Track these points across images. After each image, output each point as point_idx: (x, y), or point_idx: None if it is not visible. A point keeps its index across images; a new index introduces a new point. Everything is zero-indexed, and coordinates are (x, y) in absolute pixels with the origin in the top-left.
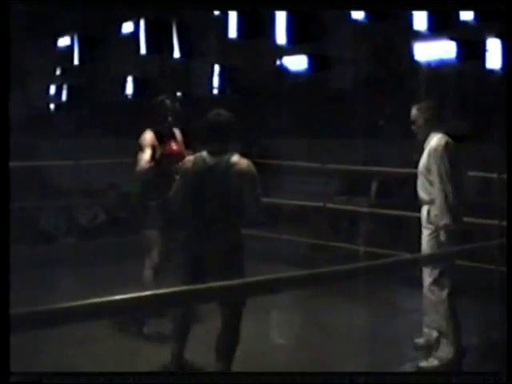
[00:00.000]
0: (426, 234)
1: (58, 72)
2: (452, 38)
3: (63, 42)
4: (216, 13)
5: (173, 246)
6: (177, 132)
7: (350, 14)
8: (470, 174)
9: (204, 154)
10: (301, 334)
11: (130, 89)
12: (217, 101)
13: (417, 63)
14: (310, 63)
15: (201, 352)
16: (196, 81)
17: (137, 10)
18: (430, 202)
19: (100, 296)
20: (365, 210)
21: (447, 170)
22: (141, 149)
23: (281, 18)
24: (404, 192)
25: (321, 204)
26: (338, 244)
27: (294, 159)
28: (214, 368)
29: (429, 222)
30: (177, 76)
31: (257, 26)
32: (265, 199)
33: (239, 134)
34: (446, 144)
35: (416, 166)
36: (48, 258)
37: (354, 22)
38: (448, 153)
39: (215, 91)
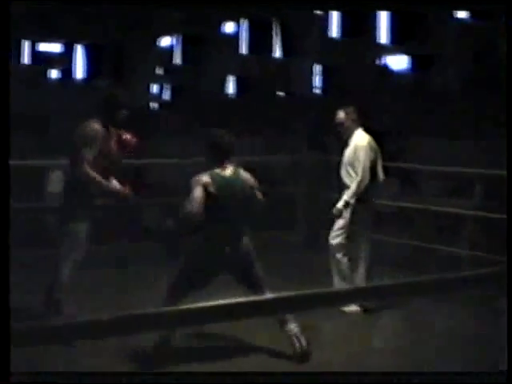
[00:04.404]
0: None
1: (160, 71)
2: None
3: (166, 41)
4: (318, 12)
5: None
6: None
7: (452, 14)
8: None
9: (217, 170)
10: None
11: (231, 88)
12: (317, 100)
13: None
14: (412, 63)
15: None
16: (297, 80)
17: (239, 11)
18: (349, 187)
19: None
20: (469, 212)
21: (366, 163)
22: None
23: (383, 17)
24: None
25: (423, 206)
26: (441, 247)
27: (396, 160)
28: None
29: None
30: (278, 75)
31: (359, 25)
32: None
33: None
34: (368, 142)
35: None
36: (153, 255)
37: (455, 22)
38: (368, 149)
39: (316, 90)
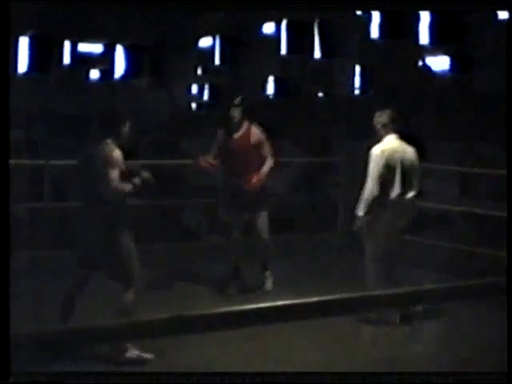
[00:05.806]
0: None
1: (199, 72)
2: None
3: (205, 42)
4: (358, 13)
5: None
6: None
7: (495, 15)
8: None
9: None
10: None
11: (270, 89)
12: (358, 102)
13: None
14: (453, 64)
15: None
16: (337, 82)
17: (279, 10)
18: None
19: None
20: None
21: (375, 173)
22: None
23: (424, 18)
24: None
25: (467, 208)
26: (484, 250)
27: (433, 161)
28: None
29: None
30: (318, 77)
31: (399, 27)
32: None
33: None
34: (382, 151)
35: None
36: (192, 255)
37: (498, 23)
38: (383, 158)
39: (356, 92)
